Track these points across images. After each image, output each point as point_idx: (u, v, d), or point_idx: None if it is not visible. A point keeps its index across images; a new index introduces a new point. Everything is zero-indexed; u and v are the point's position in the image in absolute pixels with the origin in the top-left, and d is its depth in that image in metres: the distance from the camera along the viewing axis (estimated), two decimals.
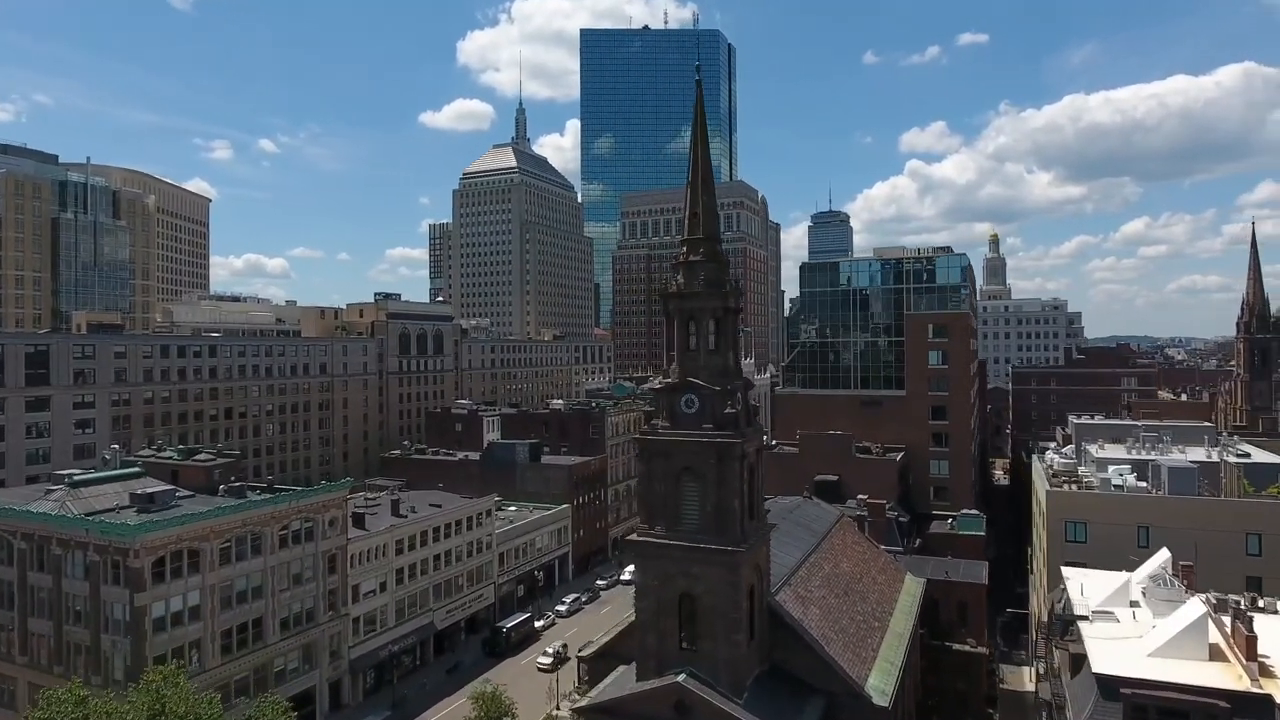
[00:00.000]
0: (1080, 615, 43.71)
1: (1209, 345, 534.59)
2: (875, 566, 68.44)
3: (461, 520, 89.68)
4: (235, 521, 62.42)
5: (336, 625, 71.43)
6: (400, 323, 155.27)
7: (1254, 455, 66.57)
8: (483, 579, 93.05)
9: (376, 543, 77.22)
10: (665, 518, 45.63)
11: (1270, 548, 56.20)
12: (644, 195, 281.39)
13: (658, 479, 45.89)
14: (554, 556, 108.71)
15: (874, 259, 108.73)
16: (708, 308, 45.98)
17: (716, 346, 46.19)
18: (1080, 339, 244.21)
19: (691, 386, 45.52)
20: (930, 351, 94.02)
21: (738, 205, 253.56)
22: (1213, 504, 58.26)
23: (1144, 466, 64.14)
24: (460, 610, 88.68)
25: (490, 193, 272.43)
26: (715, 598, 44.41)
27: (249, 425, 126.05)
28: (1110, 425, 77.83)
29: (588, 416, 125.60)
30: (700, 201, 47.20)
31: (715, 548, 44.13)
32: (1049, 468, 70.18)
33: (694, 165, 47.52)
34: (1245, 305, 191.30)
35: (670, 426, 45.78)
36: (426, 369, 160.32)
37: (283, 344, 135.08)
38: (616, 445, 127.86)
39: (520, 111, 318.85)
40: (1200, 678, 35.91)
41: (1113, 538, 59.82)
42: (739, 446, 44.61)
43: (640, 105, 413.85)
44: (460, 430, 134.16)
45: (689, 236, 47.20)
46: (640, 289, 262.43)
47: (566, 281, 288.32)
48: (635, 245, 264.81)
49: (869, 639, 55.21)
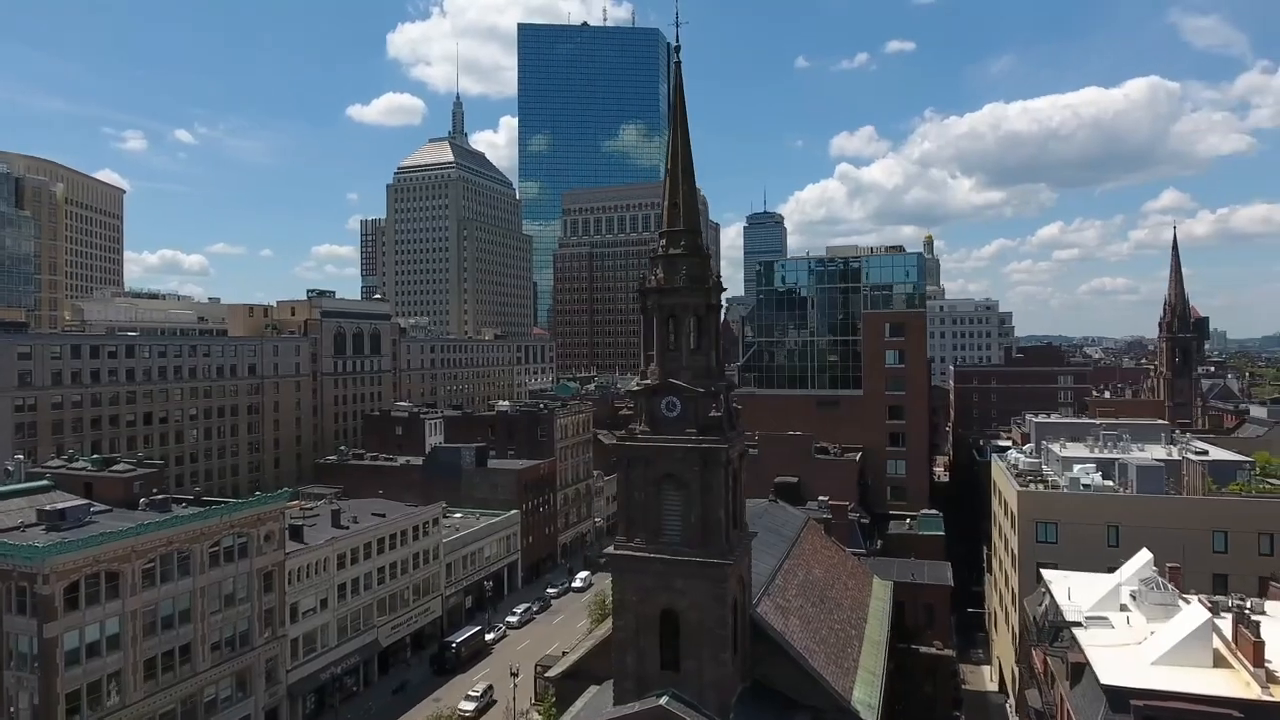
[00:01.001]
0: (1073, 621, 42.53)
1: (1119, 344, 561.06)
2: (845, 571, 66.88)
3: (407, 530, 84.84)
4: (159, 539, 56.64)
5: (273, 648, 66.01)
6: (335, 321, 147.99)
7: (1211, 453, 67.53)
8: (429, 591, 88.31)
9: (317, 557, 71.95)
10: (645, 529, 42.61)
11: (1236, 545, 56.60)
12: (586, 192, 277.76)
13: (637, 488, 42.84)
14: (503, 564, 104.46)
15: (830, 258, 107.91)
16: (690, 304, 43.11)
17: (699, 345, 43.38)
18: (1011, 338, 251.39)
19: (673, 388, 42.60)
20: (887, 351, 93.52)
21: None
22: (1181, 502, 58.47)
23: (1108, 465, 64.19)
24: (406, 626, 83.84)
25: (426, 188, 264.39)
26: (700, 613, 41.58)
27: (171, 431, 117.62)
28: (1069, 424, 78.41)
29: (536, 418, 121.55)
30: (680, 191, 44.28)
31: (701, 560, 41.31)
32: (1013, 467, 69.85)
33: (674, 152, 44.59)
34: (1167, 306, 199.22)
35: (650, 431, 42.75)
36: (363, 370, 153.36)
37: (208, 343, 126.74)
38: (566, 448, 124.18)
39: (457, 105, 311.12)
40: (1208, 686, 34.86)
41: (1083, 538, 59.54)
42: (724, 452, 41.91)
43: (579, 103, 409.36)
44: (401, 434, 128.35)
45: (668, 228, 44.24)
46: (582, 288, 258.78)
47: (505, 280, 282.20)
48: (577, 243, 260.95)
49: (849, 648, 53.34)
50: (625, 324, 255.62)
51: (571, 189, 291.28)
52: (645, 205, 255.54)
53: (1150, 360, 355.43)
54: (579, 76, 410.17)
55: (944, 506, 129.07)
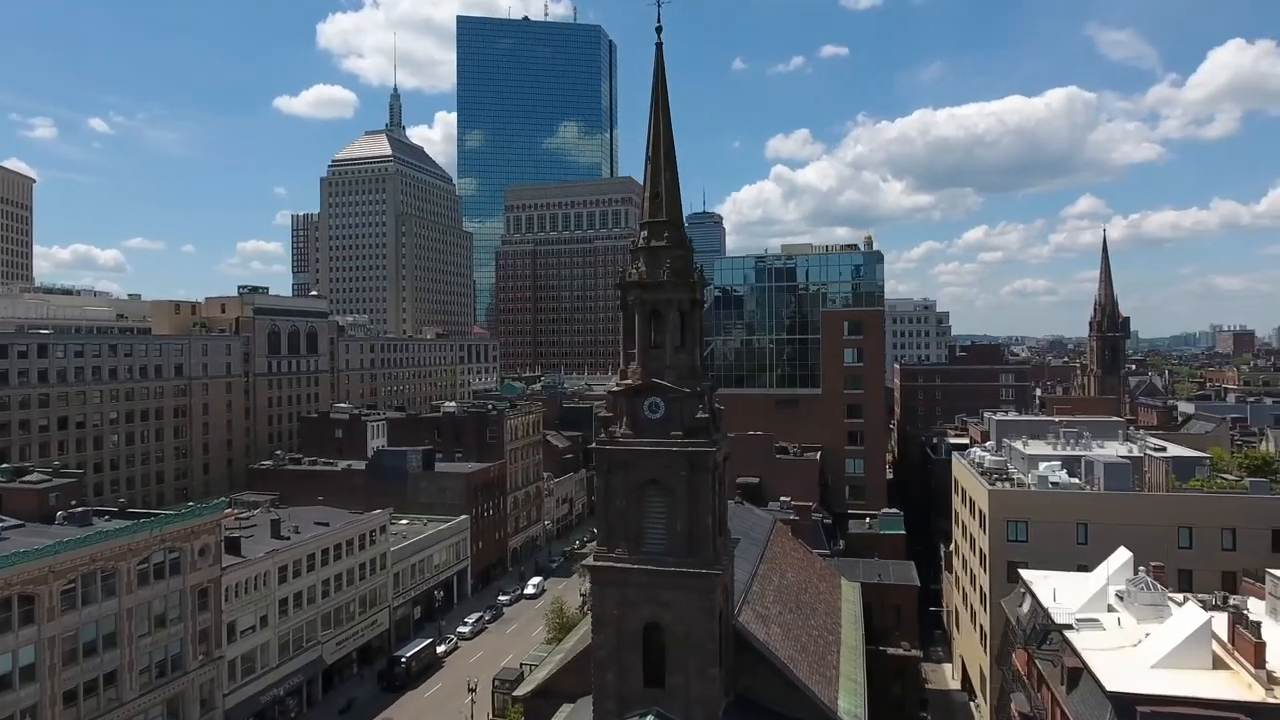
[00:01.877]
0: (1063, 624, 41.68)
1: (1041, 343, 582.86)
2: (815, 574, 65.59)
3: (353, 539, 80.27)
4: (80, 557, 51.40)
5: (209, 671, 61.04)
6: (269, 319, 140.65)
7: (1170, 450, 68.60)
8: (376, 603, 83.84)
9: (256, 571, 67.02)
10: (627, 538, 40.04)
11: (1200, 541, 57.20)
12: (530, 189, 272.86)
13: (618, 494, 40.22)
14: (452, 572, 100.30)
15: (787, 255, 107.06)
16: (674, 299, 40.74)
17: (682, 343, 41.05)
18: (948, 338, 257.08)
19: (657, 389, 40.15)
20: (846, 349, 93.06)
21: (625, 201, 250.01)
22: (1148, 499, 58.86)
23: (1072, 463, 64.45)
24: (352, 640, 79.28)
25: (362, 182, 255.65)
26: (687, 627, 39.25)
27: (89, 437, 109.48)
28: (1029, 421, 79.00)
29: (484, 419, 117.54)
30: (663, 179, 41.86)
31: (687, 571, 39.01)
32: (978, 465, 69.69)
33: (655, 138, 42.13)
34: (1098, 306, 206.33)
35: (632, 434, 40.20)
36: (299, 370, 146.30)
37: (130, 343, 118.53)
38: (516, 450, 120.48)
39: (395, 98, 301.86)
40: (1211, 689, 34.17)
41: (1053, 536, 59.43)
42: (712, 456, 39.71)
43: (518, 99, 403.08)
44: (341, 437, 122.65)
45: (650, 219, 41.77)
46: (526, 286, 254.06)
47: (445, 277, 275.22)
48: (520, 240, 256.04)
49: (828, 655, 51.84)
50: (570, 323, 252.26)
51: (513, 185, 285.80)
52: (591, 203, 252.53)
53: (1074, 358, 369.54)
54: (519, 72, 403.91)
55: (891, 504, 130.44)
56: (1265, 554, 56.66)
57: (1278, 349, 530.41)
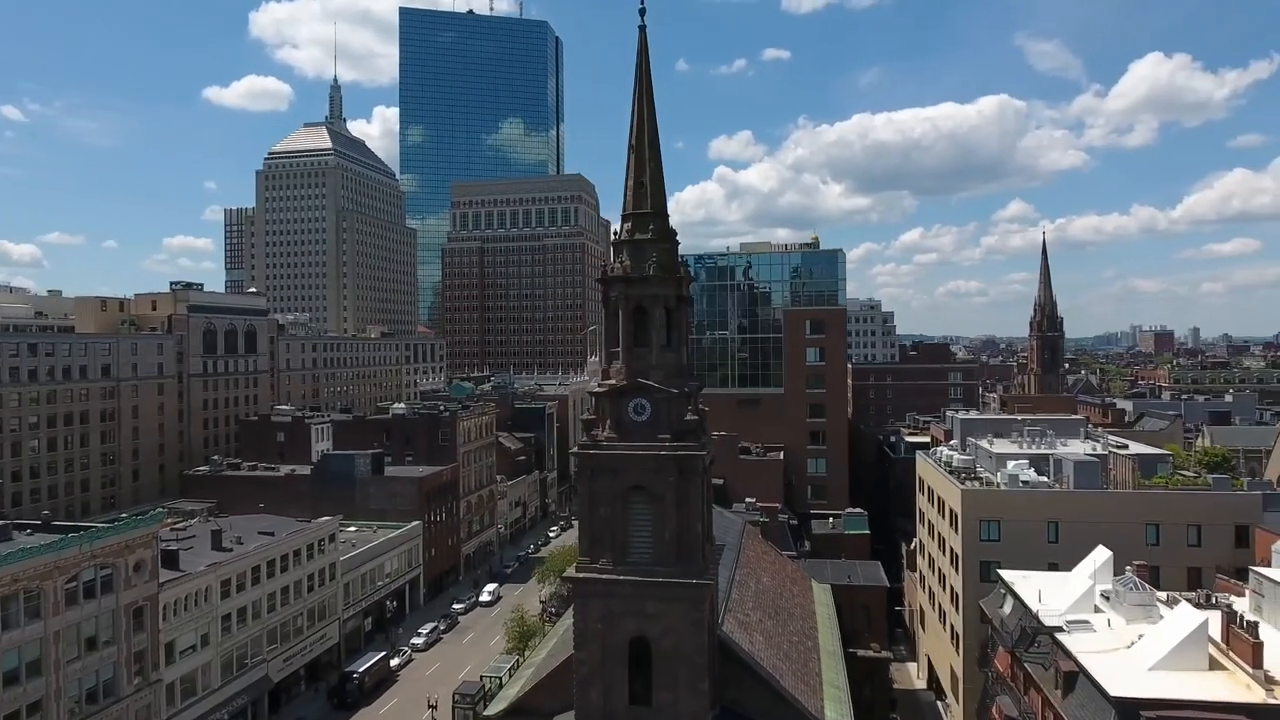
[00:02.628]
0: (1054, 626, 41.06)
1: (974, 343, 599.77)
2: (788, 577, 64.36)
3: (301, 549, 76.01)
4: (1, 577, 46.74)
5: (145, 696, 56.54)
6: (204, 316, 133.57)
7: (1131, 447, 69.54)
8: (326, 616, 79.67)
9: (196, 586, 62.56)
10: (612, 548, 37.87)
11: (1167, 537, 57.79)
12: (477, 185, 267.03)
13: (602, 502, 38.01)
14: (404, 581, 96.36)
15: (745, 253, 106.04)
16: (660, 295, 38.70)
17: (669, 341, 39.06)
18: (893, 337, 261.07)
19: (643, 389, 38.07)
20: (808, 348, 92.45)
21: (575, 199, 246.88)
22: (1117, 497, 59.27)
23: (1039, 461, 64.67)
24: (300, 656, 75.07)
25: (301, 175, 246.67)
26: (676, 640, 37.31)
27: (6, 443, 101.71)
28: (994, 420, 79.46)
29: (436, 421, 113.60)
30: (648, 168, 39.73)
31: (677, 581, 37.05)
32: (946, 464, 69.52)
33: (639, 125, 39.98)
34: (1038, 307, 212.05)
35: (617, 438, 38.04)
36: (237, 370, 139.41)
37: (51, 342, 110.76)
38: (469, 452, 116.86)
39: (335, 89, 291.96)
40: (1211, 691, 33.73)
41: (1025, 535, 59.35)
42: (702, 459, 37.84)
43: (461, 94, 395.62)
44: (283, 441, 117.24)
45: (634, 210, 39.57)
46: (473, 284, 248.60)
47: (388, 275, 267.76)
48: (467, 237, 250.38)
49: (810, 662, 50.51)
50: (519, 322, 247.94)
51: (459, 181, 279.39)
52: (540, 200, 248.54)
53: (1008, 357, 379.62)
54: (462, 67, 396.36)
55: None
56: (1229, 549, 57.68)
57: (1192, 348, 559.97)
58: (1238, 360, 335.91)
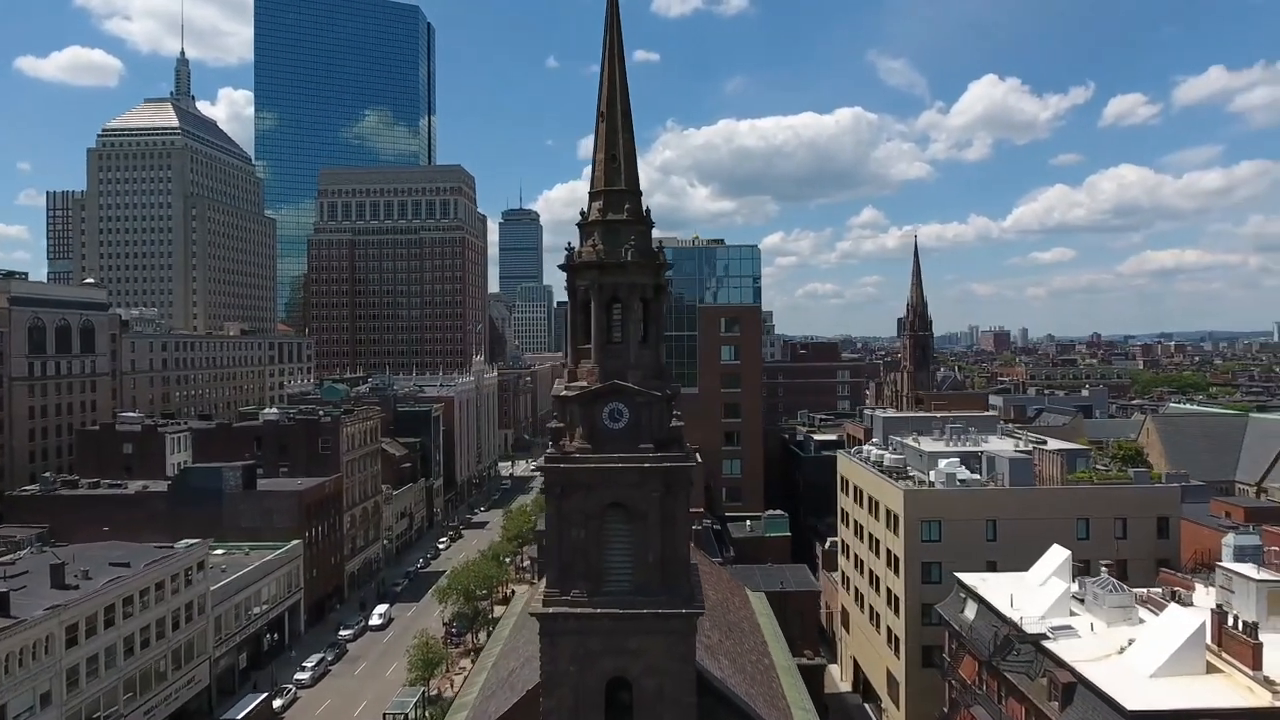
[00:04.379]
0: (1039, 634, 39.43)
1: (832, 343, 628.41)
2: (727, 588, 60.93)
3: (164, 581, 65.39)
4: None
5: None
6: (30, 311, 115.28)
7: (1050, 444, 70.86)
8: (194, 656, 69.19)
9: (34, 636, 51.70)
10: (587, 576, 32.68)
11: (1096, 531, 58.68)
12: (347, 172, 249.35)
13: (574, 523, 32.72)
14: (283, 608, 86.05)
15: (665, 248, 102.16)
16: (638, 284, 33.88)
17: (646, 336, 34.29)
18: (772, 336, 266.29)
19: (620, 392, 33.11)
20: (723, 346, 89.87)
21: (455, 191, 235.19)
22: (1052, 493, 59.77)
23: (970, 459, 64.54)
24: (164, 706, 64.66)
25: (143, 155, 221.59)
26: (659, 679, 32.64)
27: None
28: (915, 418, 79.54)
29: (316, 427, 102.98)
30: (620, 141, 34.80)
31: (662, 612, 32.37)
32: (877, 464, 68.37)
33: (609, 91, 34.97)
34: (910, 307, 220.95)
35: (590, 448, 32.87)
36: (71, 373, 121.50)
37: None
38: (353, 461, 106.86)
39: (182, 63, 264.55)
40: (1218, 698, 32.67)
41: (965, 534, 58.73)
42: (689, 471, 33.35)
43: (325, 79, 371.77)
44: (131, 453, 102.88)
45: (606, 188, 34.52)
46: (343, 278, 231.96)
47: (244, 268, 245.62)
48: (336, 229, 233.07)
49: (773, 683, 47.10)
50: (394, 319, 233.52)
51: (327, 168, 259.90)
52: (416, 190, 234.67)
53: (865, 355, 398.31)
54: (326, 50, 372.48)
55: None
56: (1152, 541, 59.31)
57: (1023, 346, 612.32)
58: (1071, 359, 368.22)
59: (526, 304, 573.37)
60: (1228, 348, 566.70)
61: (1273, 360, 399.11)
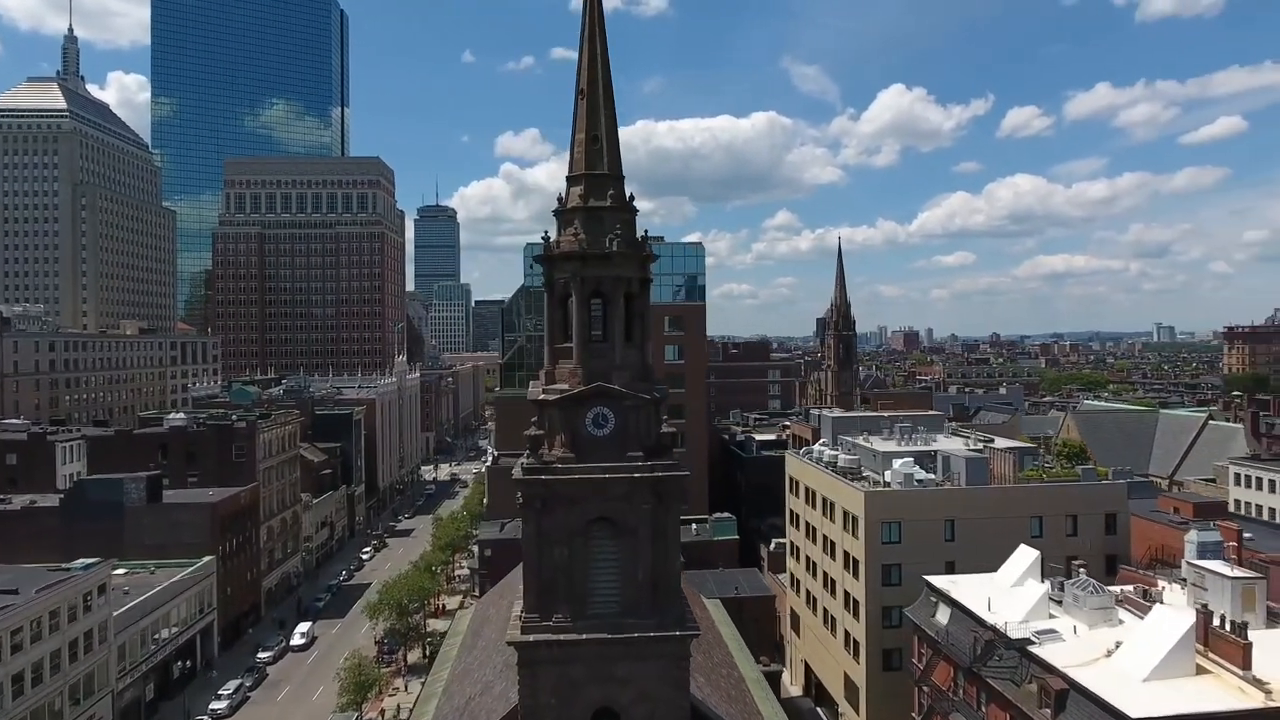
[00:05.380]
0: (1023, 639, 38.55)
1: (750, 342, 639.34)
2: (688, 597, 58.53)
3: (60, 608, 58.47)
4: None
5: None
6: None
7: (997, 442, 71.41)
8: (94, 690, 62.31)
9: None
10: (570, 599, 29.63)
11: (1049, 529, 59.05)
12: (255, 162, 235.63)
13: (557, 541, 29.63)
14: (195, 631, 79.10)
15: None
16: (624, 278, 31.03)
17: (630, 335, 31.47)
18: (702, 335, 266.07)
19: (606, 395, 30.22)
20: (666, 346, 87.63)
21: (373, 184, 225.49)
22: (1009, 491, 59.81)
23: (923, 459, 64.22)
24: None
25: (25, 139, 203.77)
26: (650, 708, 29.90)
27: None
28: (863, 418, 79.06)
29: (230, 434, 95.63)
30: (602, 118, 31.90)
31: (654, 635, 29.63)
32: (831, 465, 67.37)
33: (590, 65, 31.99)
34: (834, 307, 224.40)
35: (573, 457, 29.83)
36: None
37: None
38: (270, 469, 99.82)
39: (70, 40, 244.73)
40: (1212, 700, 32.29)
41: (925, 535, 58.11)
42: (682, 481, 30.71)
43: (229, 65, 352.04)
44: (15, 464, 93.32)
45: (588, 171, 31.55)
46: (251, 274, 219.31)
47: (141, 262, 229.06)
48: (244, 221, 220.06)
49: (747, 700, 44.92)
50: (307, 318, 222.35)
51: (233, 157, 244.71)
52: (331, 183, 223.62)
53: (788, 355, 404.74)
54: (230, 35, 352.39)
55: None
56: (1101, 537, 60.14)
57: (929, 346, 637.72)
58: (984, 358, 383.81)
59: (443, 303, 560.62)
60: (1114, 347, 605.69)
61: (1161, 359, 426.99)
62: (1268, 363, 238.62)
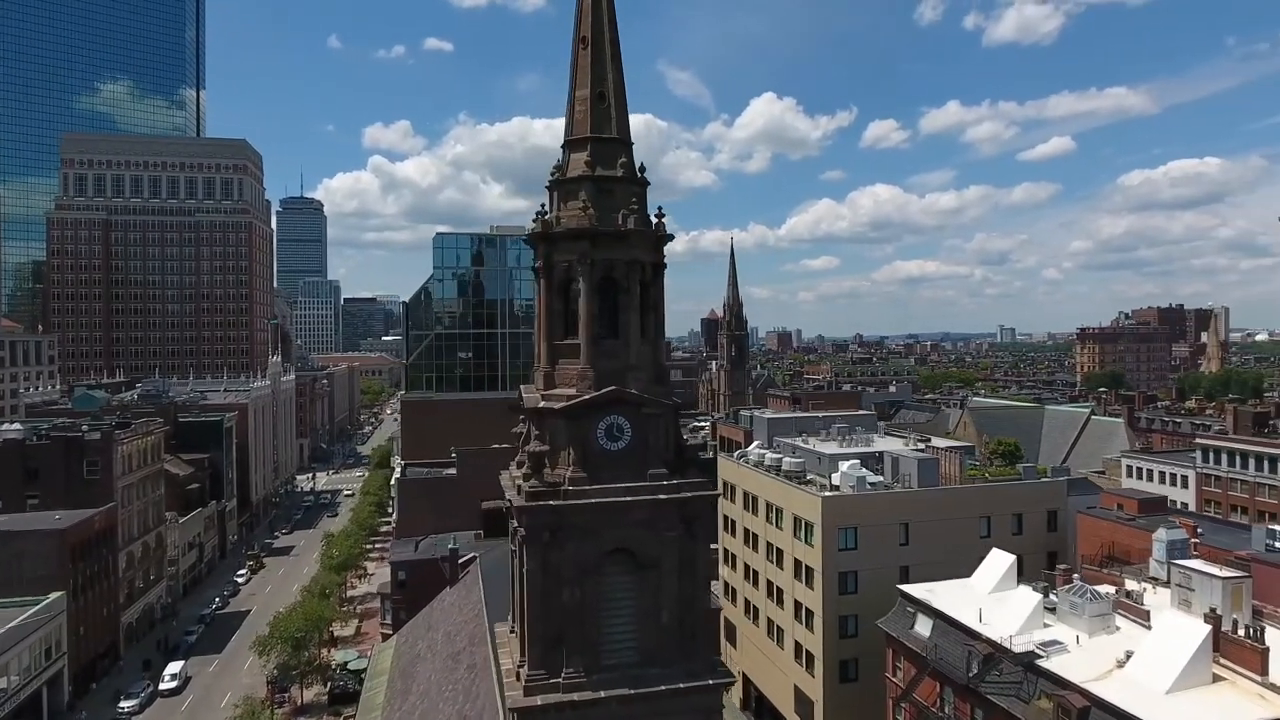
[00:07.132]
0: (1029, 653, 36.48)
1: None
2: None
3: None
4: None
5: None
6: None
7: (934, 441, 71.02)
8: None
9: None
10: (580, 649, 24.44)
11: (996, 528, 58.57)
12: (100, 140, 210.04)
13: (565, 580, 24.35)
14: (42, 681, 67.10)
15: (495, 234, 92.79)
16: (639, 262, 26.14)
17: (644, 329, 26.62)
18: None
19: (621, 402, 25.22)
20: None
21: (239, 169, 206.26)
22: (961, 492, 58.87)
23: (868, 460, 62.60)
24: None
25: None
26: None
27: None
28: (798, 419, 76.69)
29: (81, 447, 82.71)
30: (609, 72, 26.82)
31: (683, 687, 24.94)
32: (774, 469, 64.57)
33: (596, 13, 26.78)
34: (726, 307, 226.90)
35: (586, 478, 24.67)
36: None
37: None
38: (130, 486, 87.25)
39: None
40: (1238, 711, 31.00)
41: (880, 539, 56.21)
42: (712, 501, 26.15)
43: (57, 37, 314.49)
44: None
45: (594, 134, 26.44)
46: (95, 264, 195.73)
47: None
48: (86, 205, 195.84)
49: None
50: (162, 314, 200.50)
51: (72, 132, 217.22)
52: (190, 166, 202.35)
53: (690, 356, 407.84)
54: (62, 4, 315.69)
55: None
56: (1044, 535, 60.35)
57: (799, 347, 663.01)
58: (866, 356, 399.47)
59: (309, 300, 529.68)
60: (964, 347, 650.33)
61: (1016, 358, 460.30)
62: (1114, 361, 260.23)
